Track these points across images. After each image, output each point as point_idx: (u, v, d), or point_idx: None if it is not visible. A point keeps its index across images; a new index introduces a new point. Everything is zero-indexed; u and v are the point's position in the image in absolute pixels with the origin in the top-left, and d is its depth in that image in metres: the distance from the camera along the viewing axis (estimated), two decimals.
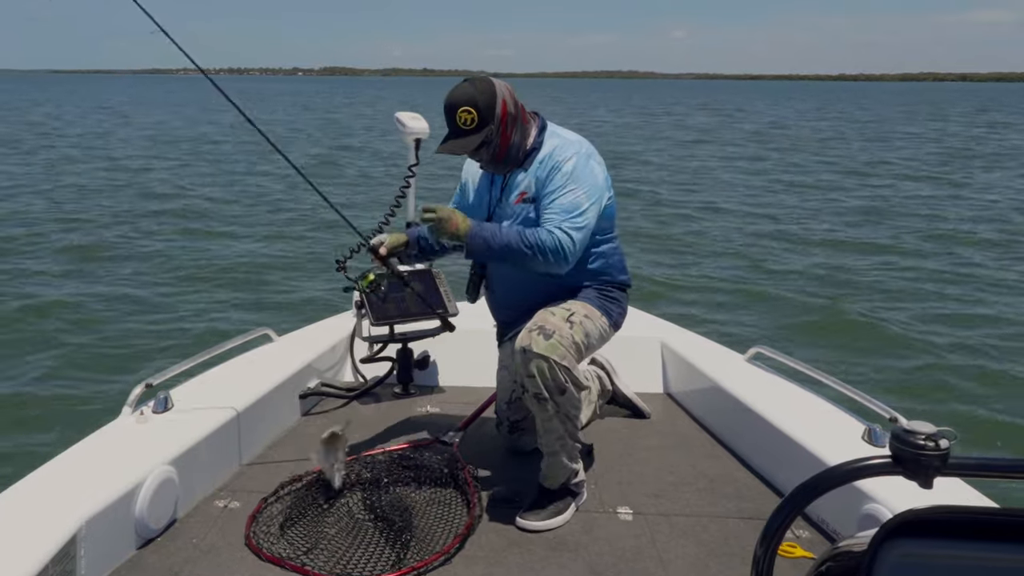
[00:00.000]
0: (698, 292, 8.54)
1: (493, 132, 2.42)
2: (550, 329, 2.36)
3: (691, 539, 2.37)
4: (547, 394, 2.34)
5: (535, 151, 2.48)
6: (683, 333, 3.66)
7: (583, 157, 2.43)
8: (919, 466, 0.93)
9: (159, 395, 2.68)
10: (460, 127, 2.41)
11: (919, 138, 31.66)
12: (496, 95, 2.42)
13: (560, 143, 2.47)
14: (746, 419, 2.87)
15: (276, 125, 34.16)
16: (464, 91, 2.41)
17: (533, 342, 2.33)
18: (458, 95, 2.41)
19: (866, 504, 2.17)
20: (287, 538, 2.29)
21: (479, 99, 2.39)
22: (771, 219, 13.01)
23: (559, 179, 2.40)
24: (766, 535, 0.98)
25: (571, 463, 2.49)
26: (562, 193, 2.38)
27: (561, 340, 2.35)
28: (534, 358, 2.31)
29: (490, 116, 2.40)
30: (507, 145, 2.46)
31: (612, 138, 29.49)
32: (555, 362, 2.31)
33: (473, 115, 2.38)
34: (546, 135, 2.50)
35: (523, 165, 2.49)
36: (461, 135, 2.42)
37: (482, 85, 2.43)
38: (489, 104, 2.40)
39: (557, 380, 2.33)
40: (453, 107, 2.40)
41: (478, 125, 2.40)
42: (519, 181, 2.50)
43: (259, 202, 14.32)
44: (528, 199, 2.47)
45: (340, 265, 3.48)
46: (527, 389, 2.38)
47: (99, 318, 7.29)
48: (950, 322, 7.44)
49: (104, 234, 11.13)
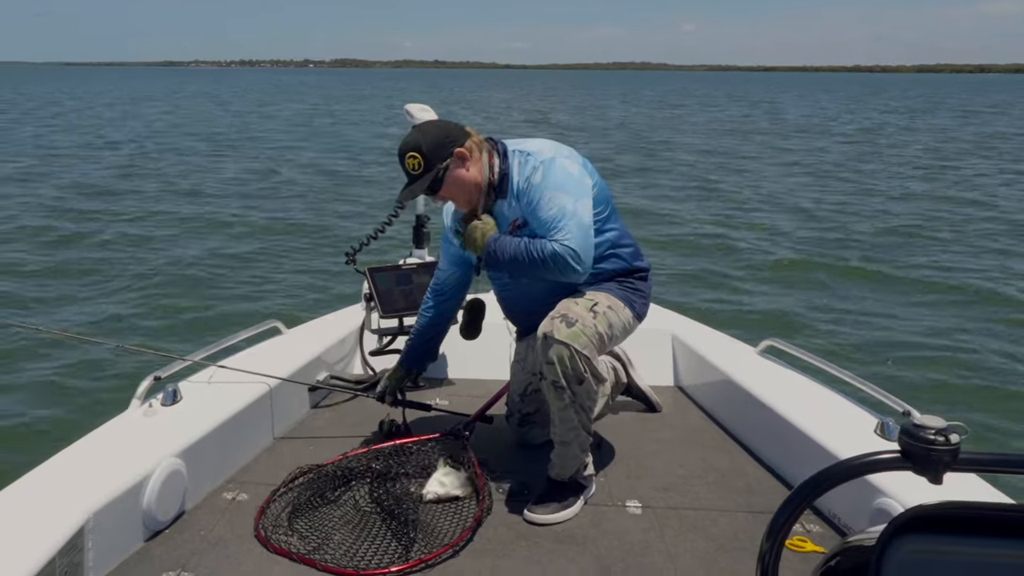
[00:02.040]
0: (710, 284, 8.51)
1: (443, 172, 2.42)
2: (573, 317, 2.34)
3: (700, 533, 2.35)
4: (564, 383, 2.33)
5: (505, 177, 2.46)
6: (694, 325, 3.64)
7: (547, 162, 2.40)
8: (929, 461, 0.92)
9: (167, 388, 2.68)
10: (410, 172, 2.44)
11: (940, 130, 31.38)
12: (443, 136, 2.43)
13: (522, 159, 2.45)
14: (757, 412, 2.85)
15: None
16: (411, 137, 2.45)
17: (555, 329, 2.32)
18: (405, 141, 2.45)
19: (878, 499, 2.15)
20: (295, 530, 2.29)
21: (423, 142, 2.41)
22: (787, 211, 12.94)
23: (535, 194, 2.39)
24: (772, 529, 0.97)
25: (582, 455, 2.48)
26: (543, 206, 2.36)
27: (584, 329, 2.34)
28: (554, 345, 2.30)
29: (436, 158, 2.40)
30: (466, 181, 2.45)
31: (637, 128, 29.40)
32: (576, 350, 2.30)
33: (419, 159, 2.40)
34: (510, 158, 2.47)
35: (501, 194, 2.47)
36: (411, 180, 2.45)
37: (429, 127, 2.48)
38: (433, 146, 2.40)
39: (576, 369, 2.31)
40: (400, 154, 2.44)
41: (424, 169, 2.41)
42: (505, 212, 2.48)
43: (271, 193, 14.35)
44: (520, 225, 2.45)
45: (350, 258, 3.49)
46: (545, 376, 2.36)
47: (108, 311, 7.33)
48: (967, 317, 7.37)
49: (113, 226, 11.19)
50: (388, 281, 3.34)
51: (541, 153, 2.44)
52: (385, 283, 3.33)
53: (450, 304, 2.84)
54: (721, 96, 69.70)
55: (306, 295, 7.95)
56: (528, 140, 2.54)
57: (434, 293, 2.83)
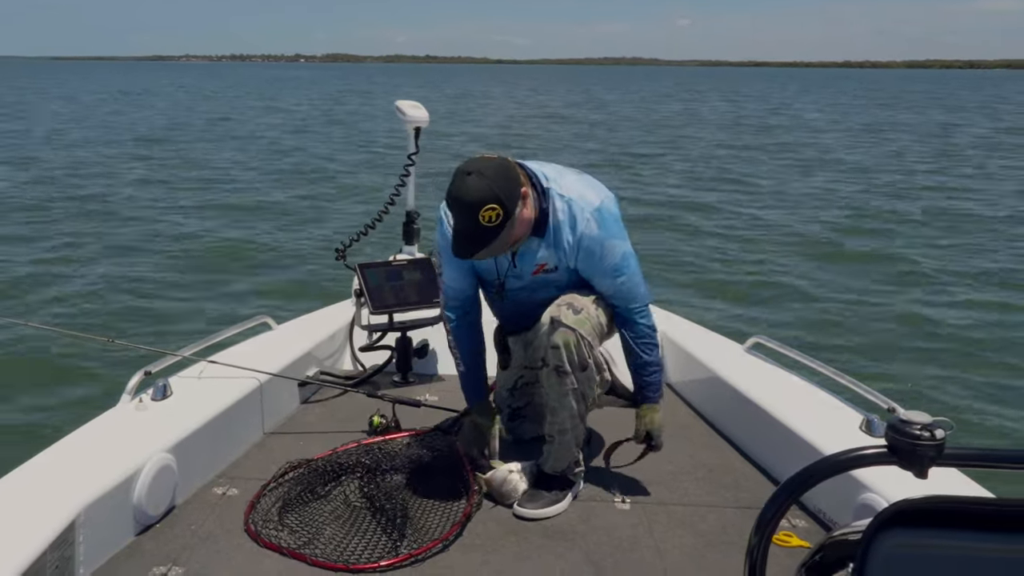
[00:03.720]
0: (697, 280, 8.54)
1: (519, 215, 2.23)
2: (579, 306, 2.37)
3: (688, 529, 2.37)
4: (568, 368, 2.35)
5: (544, 216, 2.33)
6: (682, 323, 3.65)
7: (598, 211, 2.34)
8: (914, 456, 0.93)
9: (158, 383, 2.68)
10: (484, 226, 2.15)
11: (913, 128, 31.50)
12: (509, 177, 2.20)
13: (566, 206, 2.33)
14: (745, 409, 2.87)
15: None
16: (478, 186, 2.14)
17: (562, 314, 2.34)
18: (473, 193, 2.13)
19: (863, 494, 2.17)
20: (286, 525, 2.30)
21: (498, 190, 2.15)
22: (775, 207, 12.99)
23: (595, 245, 2.35)
24: (760, 524, 0.98)
25: (576, 448, 2.50)
26: (606, 255, 2.37)
27: (588, 317, 2.37)
28: (562, 329, 2.32)
29: (512, 206, 2.18)
30: (525, 224, 2.29)
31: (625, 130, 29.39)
32: (581, 336, 2.33)
33: (498, 211, 2.14)
34: (550, 196, 2.33)
35: (536, 233, 2.35)
36: (490, 235, 2.18)
37: (488, 169, 2.17)
38: (509, 192, 2.17)
39: (581, 355, 2.34)
40: (474, 207, 2.14)
41: (503, 220, 2.17)
42: (534, 250, 2.39)
43: (261, 188, 14.30)
44: (548, 270, 2.42)
45: (340, 253, 3.49)
46: (547, 362, 2.37)
47: (98, 305, 7.30)
48: (951, 312, 7.43)
49: (103, 218, 11.13)
50: (378, 277, 3.34)
51: (585, 199, 2.34)
52: (375, 279, 3.33)
53: (476, 317, 2.67)
54: (710, 91, 69.67)
55: (296, 291, 7.94)
56: (562, 175, 2.40)
57: (458, 313, 2.61)
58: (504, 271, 2.49)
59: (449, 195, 2.21)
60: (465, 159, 2.29)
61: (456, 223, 2.23)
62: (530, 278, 2.46)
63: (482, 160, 2.24)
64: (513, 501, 2.46)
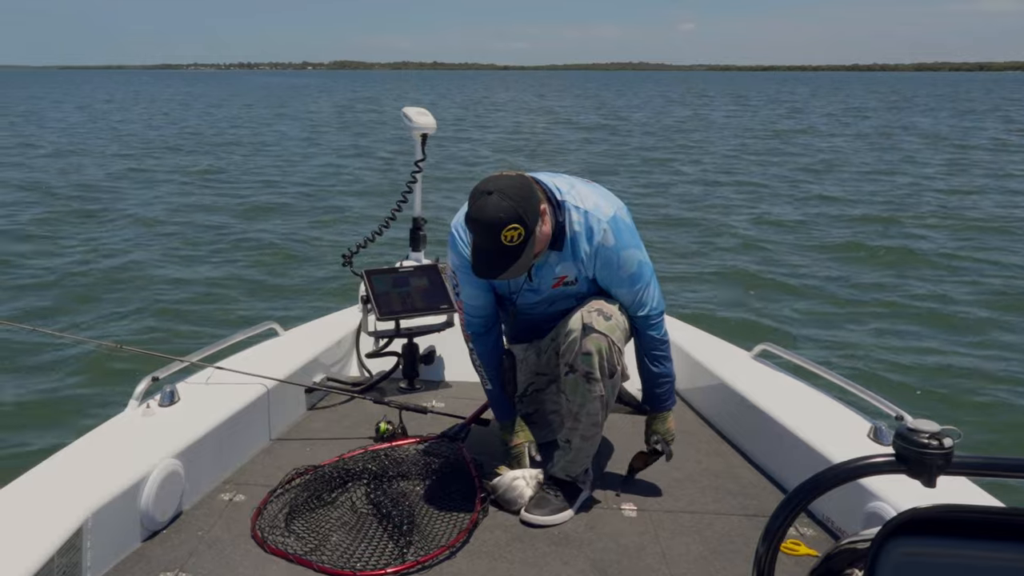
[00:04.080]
0: (704, 287, 8.51)
1: (538, 232, 2.23)
2: (608, 312, 2.37)
3: (695, 536, 2.36)
4: (599, 375, 2.33)
5: (561, 229, 2.33)
6: (689, 330, 3.65)
7: (613, 221, 2.35)
8: (922, 465, 0.93)
9: (165, 388, 2.69)
10: (506, 246, 2.16)
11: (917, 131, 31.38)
12: (529, 195, 2.18)
13: (582, 217, 2.33)
14: (752, 416, 2.86)
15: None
16: (499, 206, 2.12)
17: (594, 320, 2.33)
18: (493, 213, 2.12)
19: (871, 502, 2.16)
20: (292, 531, 2.30)
21: (520, 209, 2.13)
22: (780, 215, 12.94)
23: (611, 256, 2.36)
24: (768, 533, 0.98)
25: (591, 454, 2.50)
26: (623, 265, 2.38)
27: (617, 323, 2.38)
28: (595, 335, 2.31)
29: (533, 224, 2.18)
30: (544, 240, 2.28)
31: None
32: (612, 342, 2.33)
33: (520, 231, 2.14)
34: (565, 208, 2.33)
35: (553, 247, 2.35)
36: (512, 256, 2.18)
37: (506, 187, 2.15)
38: (530, 211, 2.16)
39: (611, 361, 2.34)
40: (495, 227, 2.12)
41: (524, 239, 2.17)
42: (552, 264, 2.39)
43: (264, 194, 14.34)
44: (568, 282, 2.42)
45: (347, 260, 3.50)
46: (576, 368, 2.34)
47: (106, 312, 7.33)
48: (959, 321, 7.37)
49: (110, 227, 11.18)
50: (385, 283, 3.35)
51: (600, 210, 2.35)
52: (382, 285, 3.34)
53: (498, 333, 2.65)
54: (719, 96, 69.65)
55: (303, 297, 7.95)
56: (575, 187, 2.39)
57: (480, 331, 2.59)
58: (519, 285, 2.48)
59: (468, 215, 2.19)
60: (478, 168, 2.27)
61: (477, 243, 2.22)
62: (549, 291, 2.46)
63: (501, 178, 2.21)
64: (519, 507, 2.45)
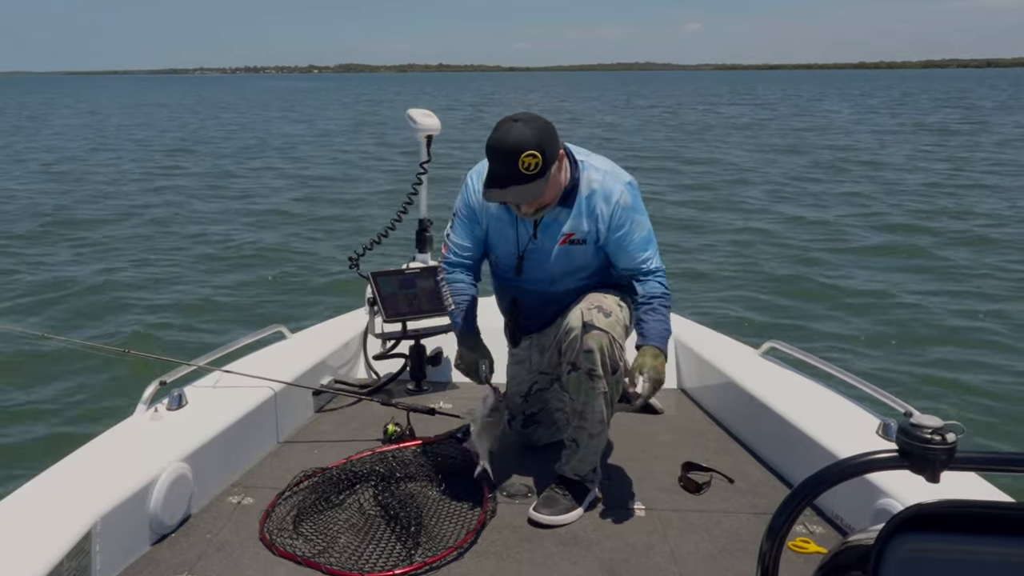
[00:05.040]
0: (712, 285, 8.49)
1: (553, 175, 2.27)
2: (608, 309, 2.38)
3: (703, 535, 2.36)
4: (601, 371, 2.34)
5: (574, 187, 2.38)
6: (696, 328, 3.64)
7: (628, 186, 2.42)
8: (926, 461, 0.93)
9: (173, 392, 2.70)
10: (522, 172, 2.19)
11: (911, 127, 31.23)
12: (553, 133, 2.26)
13: (601, 176, 2.40)
14: (760, 414, 2.86)
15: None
16: (523, 133, 2.19)
17: (594, 318, 2.34)
18: (517, 138, 2.18)
19: (880, 499, 2.15)
20: (300, 534, 2.31)
21: (542, 141, 2.20)
22: (788, 211, 12.90)
23: (626, 219, 2.40)
24: (772, 530, 0.97)
25: (599, 452, 2.51)
26: (636, 228, 2.42)
27: (618, 320, 2.39)
28: (595, 332, 2.32)
29: (553, 159, 2.25)
30: (558, 186, 2.33)
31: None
32: (613, 338, 2.34)
33: (538, 159, 2.18)
34: (581, 168, 2.40)
35: (565, 203, 2.39)
36: (524, 180, 2.21)
37: (540, 124, 2.24)
38: (553, 147, 2.24)
39: (613, 357, 2.35)
40: (515, 151, 2.18)
41: (541, 170, 2.21)
42: (561, 221, 2.42)
43: (271, 198, 14.37)
44: (576, 240, 2.42)
45: (353, 262, 3.51)
46: (578, 366, 2.35)
47: (113, 315, 7.36)
48: (969, 316, 7.33)
49: (118, 230, 11.23)
50: (391, 285, 3.35)
51: (619, 174, 2.43)
52: (388, 287, 3.34)
53: (472, 274, 2.65)
54: (726, 94, 69.50)
55: (310, 299, 7.97)
56: (591, 155, 2.46)
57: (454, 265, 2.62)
58: (524, 244, 2.49)
59: (490, 141, 2.23)
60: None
61: (494, 169, 2.25)
62: (556, 247, 2.45)
63: (529, 113, 2.29)
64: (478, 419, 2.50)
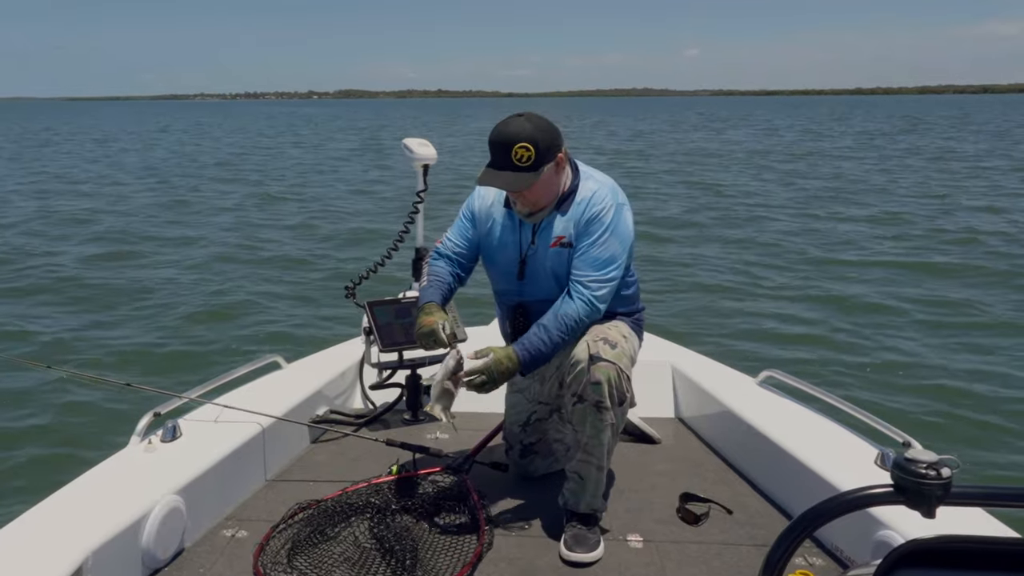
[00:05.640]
0: (709, 314, 8.47)
1: (547, 175, 2.34)
2: (613, 340, 2.38)
3: (702, 567, 2.33)
4: (609, 403, 2.33)
5: (572, 194, 2.43)
6: (693, 356, 3.63)
7: (619, 207, 2.41)
8: (921, 496, 0.92)
9: (167, 424, 2.69)
10: (514, 162, 2.29)
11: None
12: (554, 134, 2.33)
13: (597, 187, 2.42)
14: (758, 444, 2.84)
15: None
16: (521, 126, 2.30)
17: (601, 350, 2.34)
18: (514, 130, 2.30)
19: (880, 531, 2.13)
20: (295, 567, 2.28)
21: (538, 137, 2.29)
22: (784, 238, 12.93)
23: (597, 229, 2.38)
24: (768, 565, 0.97)
25: (604, 483, 2.49)
26: (600, 246, 2.39)
27: (624, 351, 2.38)
28: (602, 364, 2.31)
29: (547, 156, 2.31)
30: (554, 187, 2.39)
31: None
32: (621, 370, 2.33)
33: (531, 153, 2.28)
34: (581, 177, 2.45)
35: (560, 208, 2.43)
36: (515, 170, 2.30)
37: (541, 123, 2.34)
38: (549, 145, 2.31)
39: (621, 389, 2.34)
40: (508, 141, 2.29)
41: (534, 164, 2.29)
42: (555, 225, 2.44)
43: (267, 228, 14.40)
44: (565, 243, 2.44)
45: (349, 291, 3.51)
46: (585, 399, 2.34)
47: (107, 346, 7.34)
48: (966, 347, 7.29)
49: (109, 261, 11.22)
50: (387, 315, 3.35)
51: (616, 192, 2.44)
52: (384, 317, 3.34)
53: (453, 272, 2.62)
54: (730, 120, 69.92)
55: (306, 329, 7.93)
56: (598, 173, 2.51)
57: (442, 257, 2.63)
58: (524, 246, 2.50)
59: (491, 135, 2.35)
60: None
61: (492, 153, 2.35)
62: (548, 250, 2.47)
63: (534, 113, 2.38)
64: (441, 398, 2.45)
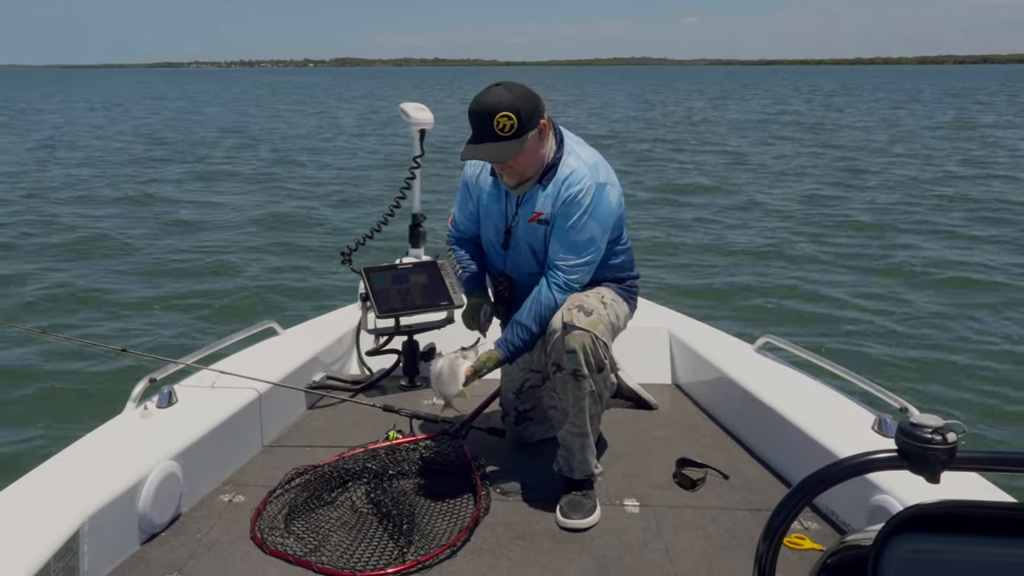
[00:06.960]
0: (707, 280, 8.48)
1: (532, 143, 2.29)
2: (588, 308, 2.36)
3: (698, 531, 2.34)
4: (586, 371, 2.33)
5: (553, 167, 2.38)
6: (691, 323, 3.62)
7: (600, 187, 2.35)
8: (926, 461, 0.92)
9: (163, 390, 2.68)
10: (496, 132, 2.25)
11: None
12: (536, 102, 2.29)
13: (578, 165, 2.36)
14: (755, 410, 2.84)
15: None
16: (500, 95, 2.26)
17: (574, 318, 2.32)
18: (497, 98, 2.25)
19: (876, 496, 2.14)
20: (292, 532, 2.28)
21: (520, 105, 2.25)
22: (785, 205, 12.89)
23: (575, 212, 2.34)
24: (768, 531, 0.96)
25: (594, 448, 2.49)
26: (577, 229, 2.35)
27: (600, 318, 2.36)
28: (576, 332, 2.30)
29: (528, 125, 2.27)
30: (539, 157, 2.35)
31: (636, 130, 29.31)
32: (595, 337, 2.32)
33: (513, 121, 2.24)
34: (565, 150, 2.40)
35: (542, 181, 2.40)
36: (496, 140, 2.26)
37: (521, 91, 2.29)
38: (530, 114, 2.26)
39: (597, 356, 2.33)
40: (489, 111, 2.24)
41: (516, 133, 2.25)
42: (537, 198, 2.41)
43: (264, 192, 14.32)
44: (543, 220, 2.41)
45: (346, 257, 3.48)
46: (562, 367, 2.34)
47: (103, 313, 7.32)
48: (964, 310, 7.31)
49: (105, 227, 11.17)
50: (384, 281, 3.33)
51: (596, 171, 2.36)
52: (381, 283, 3.32)
53: (475, 247, 2.70)
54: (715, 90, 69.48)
55: (302, 295, 7.92)
56: (584, 147, 2.45)
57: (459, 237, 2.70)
58: (509, 218, 2.49)
59: (473, 101, 2.30)
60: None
61: (472, 125, 2.30)
62: (526, 224, 2.45)
63: (513, 81, 2.34)
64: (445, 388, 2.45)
